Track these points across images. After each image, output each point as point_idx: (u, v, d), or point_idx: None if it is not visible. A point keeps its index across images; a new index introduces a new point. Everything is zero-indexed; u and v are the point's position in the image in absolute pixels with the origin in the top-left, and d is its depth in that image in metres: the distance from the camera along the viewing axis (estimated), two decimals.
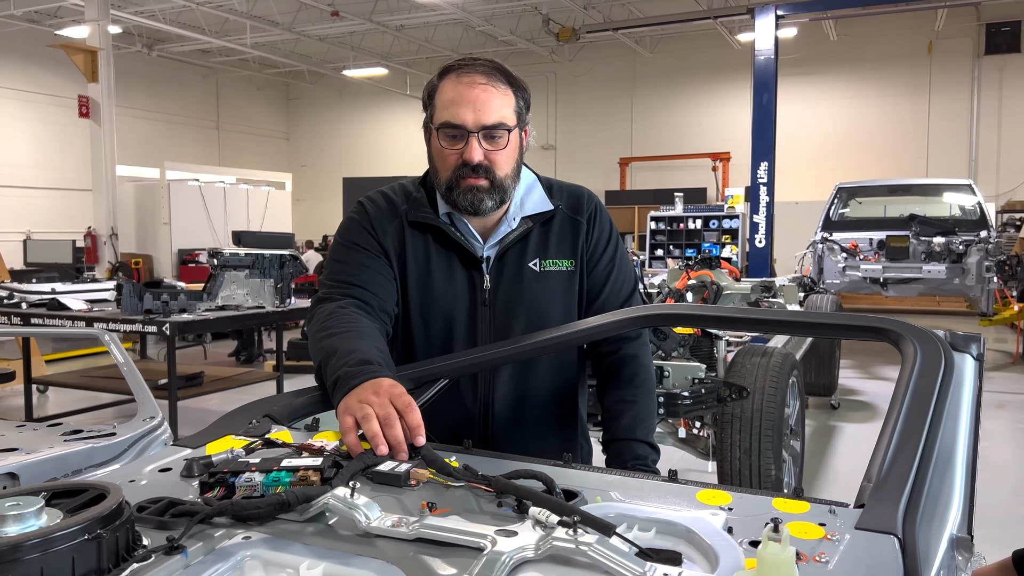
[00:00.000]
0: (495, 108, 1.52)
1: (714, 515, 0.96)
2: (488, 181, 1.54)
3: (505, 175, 1.56)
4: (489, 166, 1.53)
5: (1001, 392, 7.56)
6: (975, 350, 1.34)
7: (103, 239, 12.07)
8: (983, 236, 8.81)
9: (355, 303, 1.54)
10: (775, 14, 10.91)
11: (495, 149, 1.53)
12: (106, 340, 2.14)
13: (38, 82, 16.58)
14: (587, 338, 1.64)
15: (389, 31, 17.18)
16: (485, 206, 1.56)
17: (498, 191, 1.56)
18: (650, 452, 1.64)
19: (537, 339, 1.57)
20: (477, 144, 1.51)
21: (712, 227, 14.23)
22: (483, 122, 1.51)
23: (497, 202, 1.58)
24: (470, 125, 1.51)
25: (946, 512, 1.03)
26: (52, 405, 7.18)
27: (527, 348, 1.57)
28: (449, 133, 1.53)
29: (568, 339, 1.59)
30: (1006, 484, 4.94)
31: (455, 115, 1.51)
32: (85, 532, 0.80)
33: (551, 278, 1.65)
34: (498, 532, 0.88)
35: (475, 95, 1.51)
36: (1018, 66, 15.51)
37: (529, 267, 1.64)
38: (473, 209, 1.57)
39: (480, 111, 1.51)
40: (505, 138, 1.54)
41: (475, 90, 1.51)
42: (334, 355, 1.38)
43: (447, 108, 1.53)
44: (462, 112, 1.51)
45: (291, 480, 1.04)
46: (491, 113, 1.51)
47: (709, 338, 4.15)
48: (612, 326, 1.60)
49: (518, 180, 1.63)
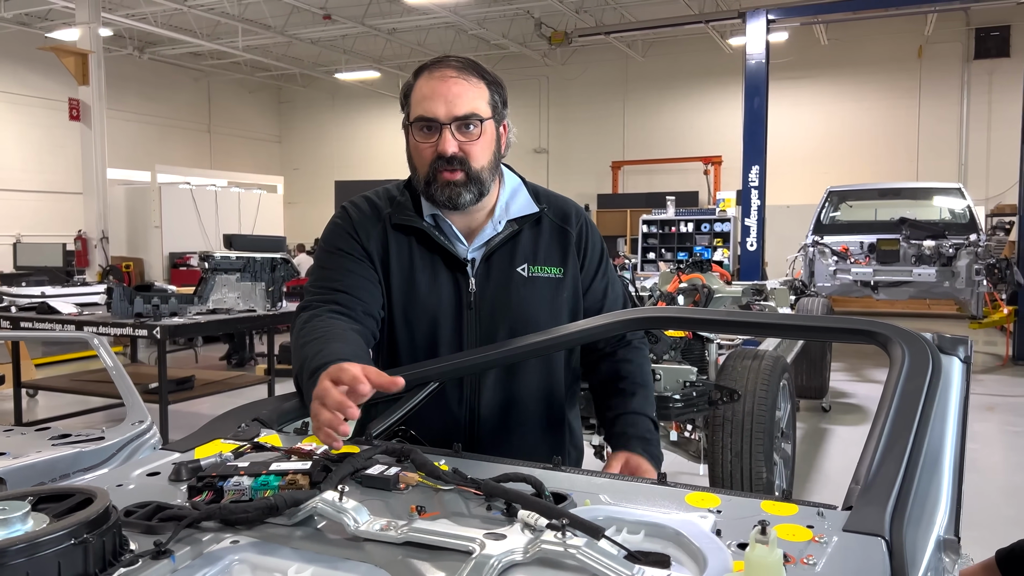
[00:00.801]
0: (467, 100, 1.54)
1: (702, 518, 0.97)
2: (464, 174, 1.55)
3: (481, 167, 1.57)
4: (464, 158, 1.55)
5: (991, 395, 7.60)
6: (962, 352, 1.35)
7: (94, 242, 12.01)
8: (973, 239, 8.85)
9: (335, 309, 1.55)
10: (766, 18, 10.96)
11: (469, 140, 1.55)
12: (95, 344, 2.13)
13: (28, 85, 16.50)
14: (578, 341, 1.65)
15: (381, 34, 17.18)
16: (463, 200, 1.57)
17: (475, 184, 1.57)
18: (656, 434, 1.69)
19: (527, 342, 1.56)
20: (451, 136, 1.53)
21: (704, 230, 14.27)
22: (455, 113, 1.53)
23: (475, 195, 1.58)
24: (442, 117, 1.53)
25: (933, 514, 1.03)
26: (42, 409, 7.14)
27: (517, 351, 1.56)
28: (423, 127, 1.55)
29: (559, 342, 1.59)
30: (995, 486, 4.96)
31: (427, 108, 1.54)
32: (71, 537, 0.80)
33: (539, 283, 1.66)
34: (487, 535, 0.88)
35: (447, 88, 1.54)
36: (1007, 70, 15.59)
37: (517, 271, 1.65)
38: (452, 204, 1.57)
39: (452, 103, 1.53)
40: (478, 128, 1.55)
41: (447, 83, 1.54)
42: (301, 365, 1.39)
43: (420, 103, 1.55)
44: (434, 105, 1.53)
45: (279, 484, 1.04)
46: (463, 104, 1.53)
47: (700, 341, 4.16)
48: (603, 329, 1.60)
49: (497, 174, 1.64)
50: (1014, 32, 15.58)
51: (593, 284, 1.74)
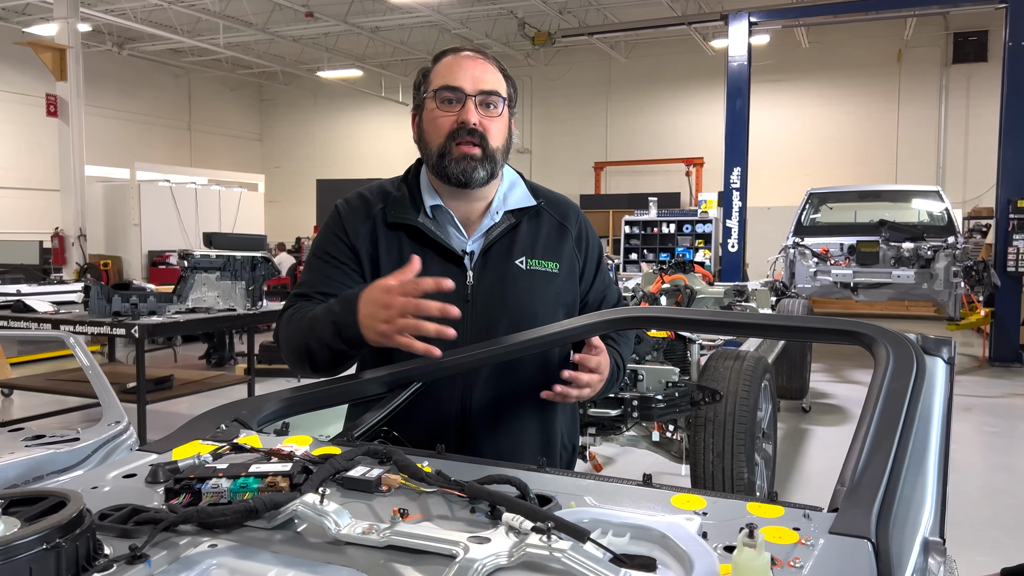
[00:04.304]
0: (492, 79, 1.59)
1: (689, 520, 0.96)
2: (481, 149, 1.56)
3: (497, 147, 1.59)
4: (484, 133, 1.56)
5: (968, 395, 7.68)
6: (946, 353, 1.35)
7: (71, 240, 11.87)
8: (951, 242, 8.94)
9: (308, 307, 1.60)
10: (748, 21, 11.03)
11: (490, 116, 1.58)
12: (71, 343, 2.09)
13: (5, 80, 16.28)
14: (561, 341, 1.63)
15: (364, 33, 17.11)
16: (477, 175, 1.57)
17: (490, 162, 1.58)
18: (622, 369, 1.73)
19: (513, 341, 1.55)
20: (474, 107, 1.56)
21: (686, 231, 14.34)
22: (481, 87, 1.57)
23: (487, 174, 1.58)
24: (468, 88, 1.56)
25: (918, 515, 1.03)
26: (17, 409, 7.04)
27: (503, 350, 1.55)
28: (446, 97, 1.56)
29: (545, 341, 1.58)
30: (974, 486, 5.01)
31: (454, 78, 1.56)
32: (43, 541, 0.78)
33: (536, 277, 1.65)
34: (471, 539, 0.87)
35: (473, 65, 1.58)
36: (985, 75, 15.79)
37: (515, 264, 1.64)
38: (465, 178, 1.57)
39: (478, 78, 1.57)
40: (500, 107, 1.59)
41: (474, 61, 1.59)
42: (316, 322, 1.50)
43: (444, 76, 1.58)
44: (460, 76, 1.57)
45: (259, 486, 1.01)
46: (488, 81, 1.58)
47: (683, 341, 4.18)
48: (586, 329, 1.59)
49: (506, 160, 1.66)
50: (992, 37, 15.77)
51: (595, 283, 1.76)
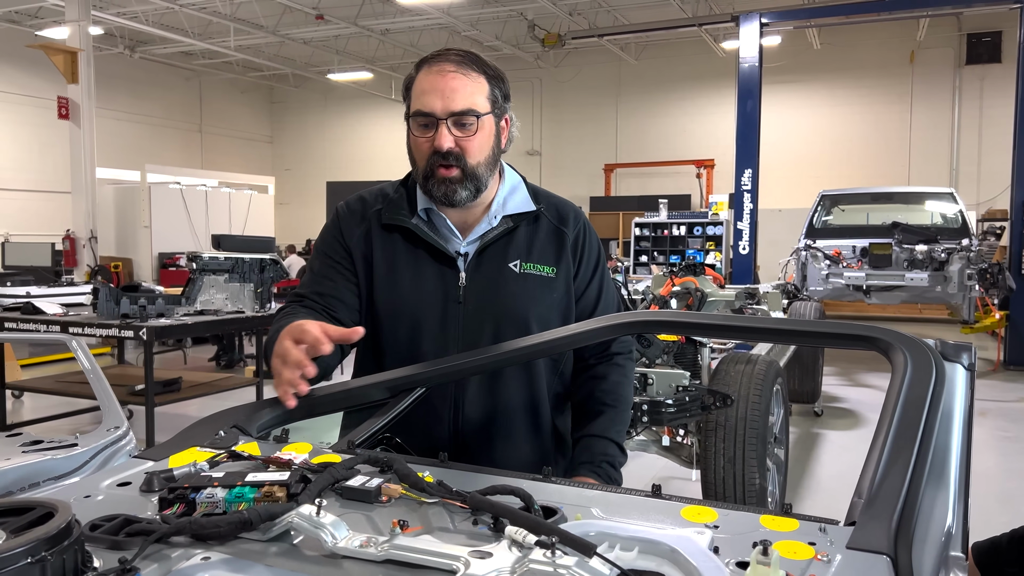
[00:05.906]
0: (465, 95, 1.53)
1: (699, 533, 0.92)
2: (459, 170, 1.54)
3: (477, 163, 1.55)
4: (460, 153, 1.53)
5: (983, 400, 7.59)
6: (966, 360, 1.31)
7: (82, 242, 11.91)
8: (965, 244, 8.85)
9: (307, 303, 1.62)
10: (759, 22, 10.96)
11: (465, 136, 1.54)
12: (73, 346, 2.07)
13: (17, 83, 16.38)
14: (568, 345, 1.60)
15: (374, 35, 17.12)
16: (459, 197, 1.56)
17: (471, 180, 1.55)
18: (619, 454, 1.66)
19: (514, 347, 1.52)
20: (447, 131, 1.52)
21: (696, 234, 14.29)
22: (451, 109, 1.52)
23: (472, 192, 1.57)
24: (439, 112, 1.52)
25: (939, 530, 0.99)
26: (28, 410, 7.06)
27: (504, 356, 1.51)
28: (421, 122, 1.54)
29: (547, 347, 1.54)
30: (989, 493, 4.93)
31: (424, 103, 1.53)
32: (28, 555, 0.75)
33: (530, 281, 1.63)
34: (472, 553, 0.84)
35: (444, 83, 1.52)
36: (999, 76, 15.65)
37: (509, 267, 1.62)
38: (447, 200, 1.56)
39: (448, 98, 1.51)
40: (475, 124, 1.54)
41: (445, 78, 1.53)
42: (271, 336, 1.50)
43: (418, 98, 1.54)
44: (431, 100, 1.52)
45: (255, 496, 0.98)
46: (460, 100, 1.52)
47: (693, 345, 4.13)
48: (594, 334, 1.56)
49: (495, 169, 1.62)
50: (1005, 38, 15.63)
51: (587, 289, 1.72)
